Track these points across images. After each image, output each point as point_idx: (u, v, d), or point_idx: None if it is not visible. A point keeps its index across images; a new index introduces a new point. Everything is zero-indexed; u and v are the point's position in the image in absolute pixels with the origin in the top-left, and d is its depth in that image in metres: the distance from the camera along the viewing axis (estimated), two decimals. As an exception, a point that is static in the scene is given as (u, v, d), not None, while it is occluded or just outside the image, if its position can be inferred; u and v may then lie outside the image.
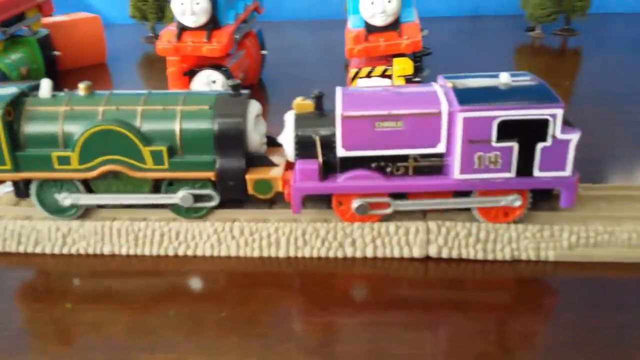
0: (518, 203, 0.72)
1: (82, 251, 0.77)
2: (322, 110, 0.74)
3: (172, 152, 0.74)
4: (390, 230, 0.73)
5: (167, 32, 1.15)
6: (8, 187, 0.81)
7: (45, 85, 0.77)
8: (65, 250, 0.77)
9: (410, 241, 0.73)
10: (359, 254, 0.74)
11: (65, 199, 0.77)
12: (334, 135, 0.71)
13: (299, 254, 0.74)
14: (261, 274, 0.73)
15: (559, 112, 0.67)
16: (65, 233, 0.77)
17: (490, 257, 0.72)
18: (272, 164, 0.77)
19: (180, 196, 0.76)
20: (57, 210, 0.79)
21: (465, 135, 0.68)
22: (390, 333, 0.63)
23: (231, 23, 1.17)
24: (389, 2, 1.03)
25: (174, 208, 0.78)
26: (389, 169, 0.72)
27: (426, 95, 0.72)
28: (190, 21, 1.11)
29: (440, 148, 0.71)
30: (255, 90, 1.36)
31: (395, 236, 0.73)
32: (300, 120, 0.73)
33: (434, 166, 0.72)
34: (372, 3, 1.04)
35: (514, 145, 0.69)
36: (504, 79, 0.71)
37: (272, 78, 1.45)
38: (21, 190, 0.79)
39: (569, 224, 0.73)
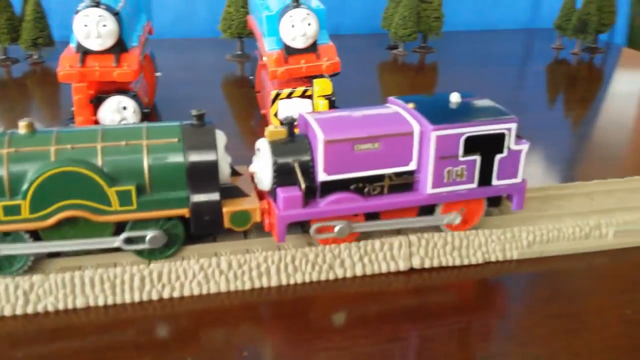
0: (457, 221, 0.78)
1: (50, 308, 0.68)
2: (294, 137, 0.74)
3: (140, 190, 0.69)
4: (376, 247, 0.76)
5: (68, 57, 1.04)
6: None
7: None
8: (29, 309, 0.68)
9: (395, 255, 0.76)
10: (349, 274, 0.75)
11: (4, 249, 0.67)
12: (311, 160, 0.72)
13: (291, 281, 0.74)
14: (257, 305, 0.71)
15: (514, 126, 0.75)
16: (26, 290, 0.68)
17: (465, 262, 0.78)
18: (244, 194, 0.75)
19: (149, 237, 0.71)
20: (1, 266, 0.69)
21: (437, 152, 0.73)
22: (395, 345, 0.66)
23: (136, 45, 1.11)
24: (309, 25, 1.06)
25: (139, 252, 0.73)
26: (366, 190, 0.75)
27: (395, 117, 0.75)
28: (96, 44, 1.03)
29: (412, 166, 0.75)
30: (152, 113, 1.31)
31: (380, 252, 0.76)
32: (276, 147, 0.73)
33: (406, 183, 0.76)
34: (293, 26, 1.06)
35: (477, 158, 0.75)
36: (455, 98, 0.78)
37: (164, 99, 1.40)
38: None
39: (525, 225, 0.81)
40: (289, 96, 1.11)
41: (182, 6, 2.01)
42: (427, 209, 0.78)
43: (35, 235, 0.70)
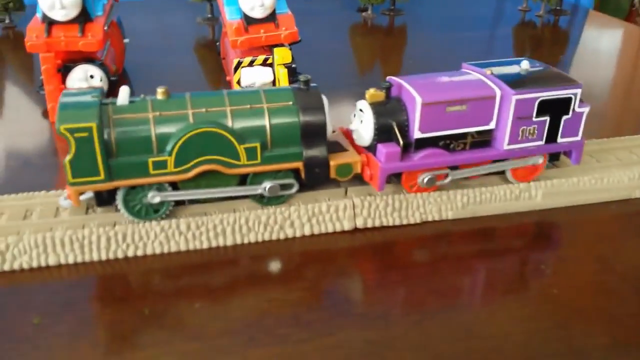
0: (540, 160, 0.90)
1: (25, 266, 0.76)
2: (390, 99, 0.84)
3: (263, 147, 0.80)
4: (323, 210, 0.84)
5: (34, 27, 1.09)
6: (84, 196, 0.78)
7: (123, 93, 0.77)
8: (6, 267, 0.75)
9: (340, 217, 0.84)
10: (298, 234, 0.83)
11: (154, 197, 0.78)
12: (407, 120, 0.83)
13: (245, 240, 0.81)
14: (213, 263, 0.78)
15: (579, 91, 0.87)
16: (2, 250, 0.75)
17: (404, 221, 0.86)
18: (344, 149, 0.86)
19: (267, 187, 0.81)
20: (146, 213, 0.79)
21: (515, 113, 0.85)
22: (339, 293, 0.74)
23: (100, 15, 1.15)
24: None
25: (256, 198, 0.84)
26: (452, 146, 0.86)
27: (478, 82, 0.86)
28: (60, 15, 1.08)
29: (492, 125, 0.86)
30: (121, 79, 1.36)
31: (327, 214, 0.84)
32: (376, 108, 0.83)
33: (485, 140, 0.87)
34: None
35: (547, 119, 0.87)
36: (524, 65, 0.89)
37: (134, 65, 1.44)
38: (104, 198, 0.78)
39: (461, 188, 0.89)
40: (251, 64, 1.17)
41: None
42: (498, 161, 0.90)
43: (174, 187, 0.80)
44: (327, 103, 0.84)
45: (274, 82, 1.17)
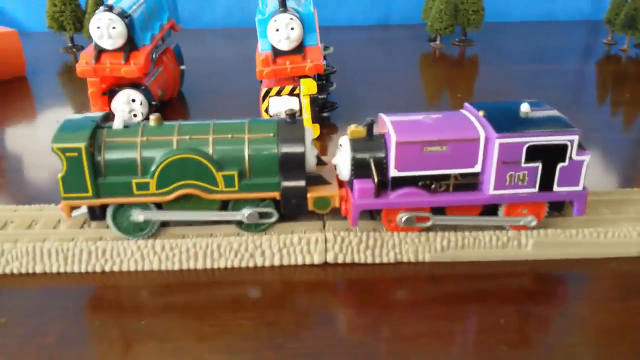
0: (534, 223, 0.86)
1: (15, 271, 0.84)
2: (372, 136, 0.85)
3: (241, 175, 0.84)
4: (294, 241, 0.85)
5: (86, 54, 1.21)
6: (79, 211, 0.86)
7: (119, 118, 0.85)
8: None
9: (311, 250, 0.85)
10: (267, 263, 0.85)
11: (138, 215, 0.84)
12: (385, 157, 0.83)
13: (215, 265, 0.85)
14: (180, 285, 0.82)
15: (576, 138, 0.83)
16: (-1, 254, 0.84)
17: (377, 260, 0.85)
18: (327, 182, 0.88)
19: (246, 214, 0.85)
20: (133, 230, 0.86)
21: (499, 157, 0.82)
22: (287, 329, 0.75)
23: (148, 44, 1.25)
24: (292, 29, 1.15)
25: (239, 225, 0.87)
26: (433, 186, 0.85)
27: (464, 123, 0.85)
28: (108, 44, 1.19)
29: (477, 168, 0.84)
30: (175, 104, 1.45)
31: (298, 246, 0.85)
32: (355, 144, 0.84)
33: (471, 183, 0.85)
34: (277, 30, 1.15)
35: (539, 166, 0.83)
36: (524, 108, 0.85)
37: (192, 90, 1.53)
38: (96, 214, 0.85)
39: (442, 230, 0.86)
40: (279, 93, 1.21)
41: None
42: (490, 209, 0.87)
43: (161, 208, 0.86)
44: (311, 136, 0.86)
45: (300, 112, 1.20)
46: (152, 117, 0.85)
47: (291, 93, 1.21)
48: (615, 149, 1.24)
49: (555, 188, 0.85)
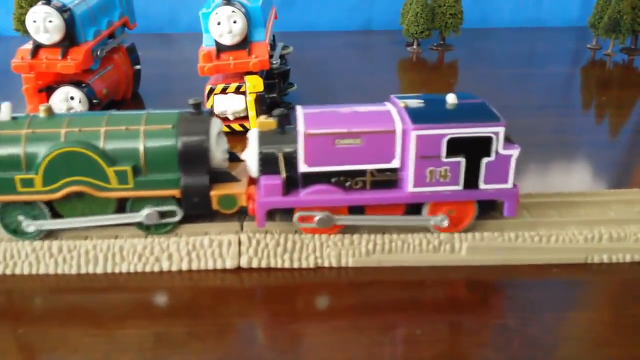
0: (445, 223, 0.78)
1: None
2: (284, 128, 0.78)
3: (136, 171, 0.76)
4: (205, 244, 0.78)
5: (23, 50, 1.15)
6: None
7: (5, 109, 0.78)
8: None
9: (223, 253, 0.77)
10: (174, 268, 0.78)
11: (29, 226, 0.78)
12: (295, 152, 0.76)
13: (117, 270, 0.77)
14: (75, 290, 0.75)
15: (501, 130, 0.75)
16: None
17: (296, 265, 0.78)
18: (235, 180, 0.80)
19: (144, 214, 0.78)
20: (23, 232, 0.79)
21: (418, 151, 0.75)
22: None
23: (90, 40, 1.19)
24: (235, 22, 1.08)
25: (139, 226, 0.80)
26: (348, 184, 0.77)
27: (381, 115, 0.77)
28: (44, 38, 1.12)
29: (395, 163, 0.76)
30: (130, 105, 1.39)
31: (209, 249, 0.78)
32: (263, 137, 0.77)
33: (390, 180, 0.77)
34: (219, 23, 1.08)
35: (462, 161, 0.75)
36: (451, 99, 0.78)
37: (153, 92, 1.47)
38: None
39: (368, 233, 0.79)
40: (224, 91, 1.14)
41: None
42: (415, 209, 0.79)
43: (51, 207, 0.79)
44: (218, 128, 0.79)
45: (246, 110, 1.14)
46: (42, 107, 0.78)
47: (237, 91, 1.15)
48: (579, 151, 1.17)
49: (482, 185, 0.77)
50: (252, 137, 0.78)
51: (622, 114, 1.39)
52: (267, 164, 0.76)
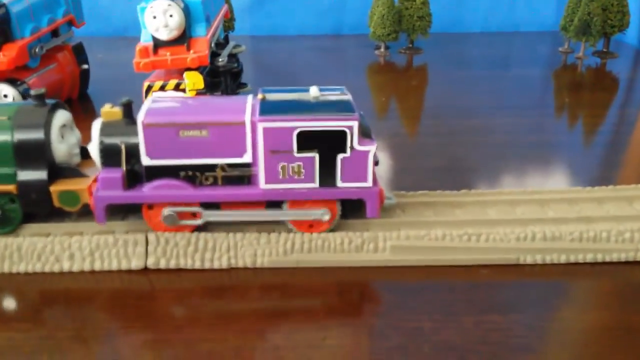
0: (327, 217, 0.72)
1: None
2: (131, 118, 0.72)
3: None
4: (109, 243, 0.72)
5: None
6: None
7: None
8: None
9: (128, 253, 0.72)
10: (76, 268, 0.72)
11: None
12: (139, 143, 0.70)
13: (14, 270, 0.72)
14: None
15: (355, 124, 0.69)
16: None
17: (207, 265, 0.72)
18: (82, 175, 0.75)
19: None
20: None
21: (266, 145, 0.69)
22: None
23: (27, 36, 1.14)
24: (171, 16, 1.03)
25: None
26: (197, 179, 0.71)
27: (233, 106, 0.72)
28: None
29: (247, 158, 0.71)
30: (76, 105, 1.35)
31: (114, 248, 0.72)
32: (106, 128, 0.72)
33: (244, 176, 0.72)
34: (155, 17, 1.04)
35: (315, 156, 0.70)
36: (313, 92, 0.72)
37: (107, 92, 1.42)
38: None
39: (288, 231, 0.74)
40: (162, 88, 1.09)
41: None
42: (275, 205, 0.74)
43: None
44: (63, 120, 0.74)
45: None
46: None
47: (176, 88, 1.10)
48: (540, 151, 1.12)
49: (340, 184, 0.71)
50: (95, 127, 0.72)
51: (596, 114, 1.34)
52: (109, 155, 0.71)
